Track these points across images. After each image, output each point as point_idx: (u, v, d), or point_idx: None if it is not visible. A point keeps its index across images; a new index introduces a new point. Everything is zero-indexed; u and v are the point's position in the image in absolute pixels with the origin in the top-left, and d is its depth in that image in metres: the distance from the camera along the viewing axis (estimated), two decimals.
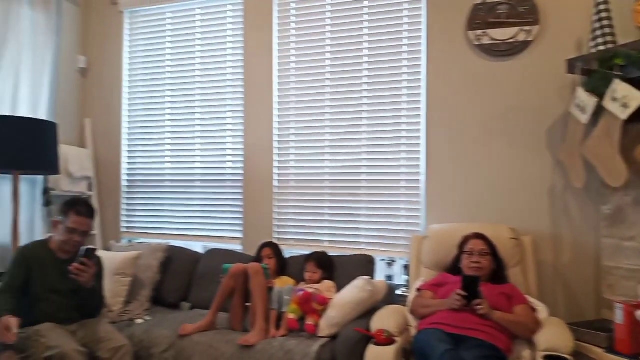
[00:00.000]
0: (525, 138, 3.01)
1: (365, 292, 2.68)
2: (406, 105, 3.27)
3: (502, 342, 2.23)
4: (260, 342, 2.57)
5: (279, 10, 3.59)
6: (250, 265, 2.85)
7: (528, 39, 3.00)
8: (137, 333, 2.78)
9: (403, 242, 3.24)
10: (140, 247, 3.42)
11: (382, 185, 3.32)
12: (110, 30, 4.08)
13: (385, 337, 2.32)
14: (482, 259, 2.54)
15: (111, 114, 4.06)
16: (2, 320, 2.24)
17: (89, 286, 2.56)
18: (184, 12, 3.88)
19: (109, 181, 4.04)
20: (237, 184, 3.68)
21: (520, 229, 2.87)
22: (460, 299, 2.30)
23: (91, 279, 2.55)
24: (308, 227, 3.51)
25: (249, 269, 2.83)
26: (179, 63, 3.88)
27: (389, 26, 3.32)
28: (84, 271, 2.49)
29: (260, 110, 3.60)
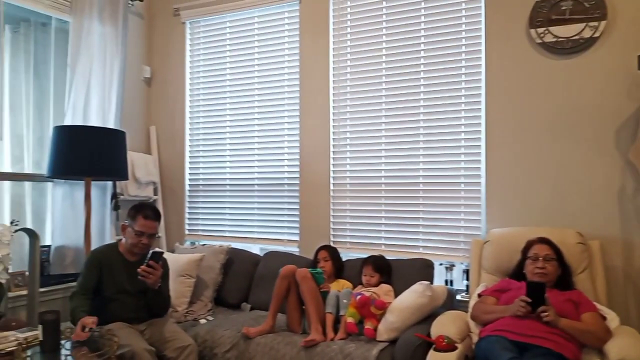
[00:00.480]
0: (592, 138, 2.89)
1: (424, 297, 2.66)
2: (465, 106, 3.22)
3: (569, 351, 2.15)
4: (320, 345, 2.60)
5: (335, 15, 3.62)
6: (298, 271, 2.88)
7: (594, 35, 2.88)
8: (201, 333, 2.88)
9: (463, 246, 3.18)
10: (203, 249, 3.54)
11: (440, 188, 3.27)
12: (173, 41, 4.25)
13: (446, 343, 2.29)
14: (547, 264, 2.46)
15: (175, 121, 4.22)
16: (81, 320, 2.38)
17: (156, 287, 2.69)
18: (243, 20, 3.98)
19: (173, 185, 4.21)
20: (294, 187, 3.74)
21: (587, 234, 2.75)
22: (524, 305, 2.24)
23: (158, 280, 2.67)
24: (365, 231, 3.51)
25: (296, 275, 2.87)
26: (238, 70, 3.99)
27: (446, 27, 3.27)
28: (151, 273, 2.62)
29: (317, 114, 3.64)
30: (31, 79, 3.57)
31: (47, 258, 3.37)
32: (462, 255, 3.17)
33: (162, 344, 2.63)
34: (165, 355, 2.60)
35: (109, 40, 3.78)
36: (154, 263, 2.63)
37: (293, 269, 2.90)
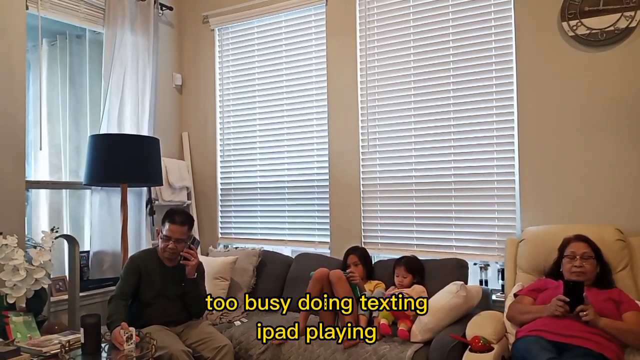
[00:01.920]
0: (630, 131, 2.80)
1: (459, 297, 2.63)
2: (496, 103, 3.16)
3: (611, 351, 2.09)
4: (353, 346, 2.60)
5: (361, 15, 3.62)
6: (332, 272, 2.88)
7: (631, 25, 2.79)
8: (236, 335, 2.92)
9: (497, 245, 3.12)
10: (236, 252, 3.58)
11: (473, 186, 3.23)
12: (202, 48, 4.33)
13: (482, 344, 2.26)
14: (585, 262, 2.40)
15: (206, 127, 4.30)
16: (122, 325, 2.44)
17: (193, 276, 2.76)
18: (270, 25, 4.02)
19: (206, 190, 4.28)
20: (324, 189, 3.75)
21: (627, 230, 2.67)
22: (562, 304, 2.18)
23: (195, 266, 2.76)
24: (396, 231, 3.49)
25: (331, 276, 2.87)
26: (267, 75, 4.03)
27: (475, 22, 3.23)
28: (193, 256, 2.74)
29: (345, 116, 3.65)
30: (67, 89, 3.70)
31: (86, 263, 3.48)
32: (497, 255, 3.11)
33: (198, 345, 2.69)
34: (202, 355, 2.65)
35: (141, 50, 3.87)
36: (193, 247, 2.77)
37: (326, 272, 2.90)
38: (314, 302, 2.85)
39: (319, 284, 2.90)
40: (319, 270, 2.93)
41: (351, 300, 2.79)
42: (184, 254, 2.73)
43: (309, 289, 2.90)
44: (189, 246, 2.77)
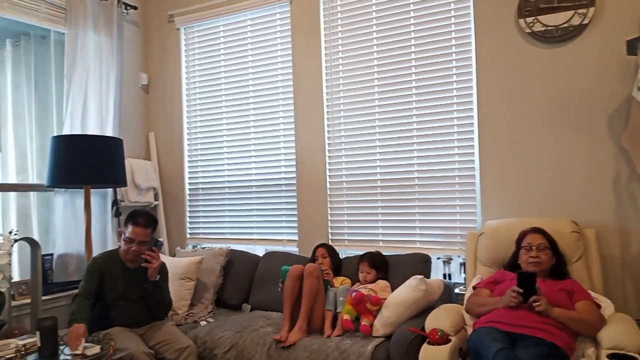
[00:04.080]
0: (585, 126, 2.87)
1: (419, 291, 2.66)
2: (457, 99, 3.21)
3: (562, 340, 2.14)
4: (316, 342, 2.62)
5: (325, 14, 3.64)
6: (306, 267, 2.90)
7: (583, 22, 2.85)
8: (201, 334, 2.91)
9: (459, 239, 3.18)
10: (204, 252, 3.57)
11: (435, 182, 3.27)
12: (168, 47, 4.30)
13: (439, 336, 2.30)
14: (540, 253, 2.45)
15: (173, 127, 4.27)
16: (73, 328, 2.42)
17: (155, 278, 2.74)
18: (235, 23, 4.01)
19: (173, 190, 4.25)
20: (291, 187, 3.76)
21: (582, 222, 2.74)
22: (516, 296, 2.23)
23: (157, 268, 2.74)
24: (362, 228, 3.52)
25: (304, 270, 2.89)
26: (233, 73, 4.02)
27: (436, 20, 3.27)
28: (155, 258, 2.72)
29: (311, 114, 3.66)
30: (32, 91, 3.64)
31: (50, 266, 3.42)
32: (459, 249, 3.16)
33: (161, 347, 2.68)
34: (164, 357, 2.64)
35: (104, 50, 3.83)
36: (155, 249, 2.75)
37: (302, 268, 2.91)
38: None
39: (297, 282, 2.90)
40: (295, 267, 2.93)
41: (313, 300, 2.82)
42: (145, 257, 2.71)
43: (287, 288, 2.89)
44: (151, 248, 2.75)
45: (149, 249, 2.74)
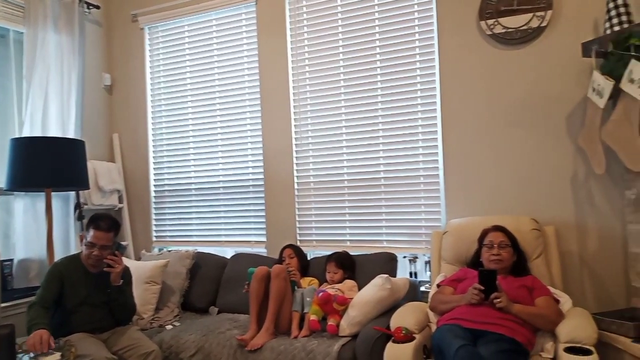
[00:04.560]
0: (545, 126, 2.94)
1: (384, 290, 2.68)
2: (421, 100, 3.25)
3: (522, 335, 2.19)
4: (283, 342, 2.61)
5: (291, 15, 3.63)
6: (273, 268, 2.90)
7: (542, 24, 2.93)
8: (166, 339, 2.87)
9: (424, 238, 3.22)
10: (169, 255, 3.52)
11: (401, 182, 3.31)
12: (132, 47, 4.23)
13: (404, 334, 2.32)
14: (502, 251, 2.50)
15: (138, 128, 4.20)
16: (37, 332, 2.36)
17: (118, 283, 2.69)
18: (201, 23, 3.97)
19: (138, 193, 4.18)
20: (259, 188, 3.74)
21: (542, 220, 2.81)
22: (477, 293, 2.27)
23: (120, 273, 2.69)
24: (330, 228, 3.54)
25: (271, 271, 2.88)
26: (199, 74, 3.98)
27: (400, 22, 3.31)
28: (117, 262, 2.66)
29: (278, 114, 3.65)
30: None
31: (10, 272, 3.33)
32: (425, 247, 3.21)
33: (125, 352, 2.62)
34: None
35: (65, 49, 3.74)
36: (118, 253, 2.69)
37: (267, 270, 2.90)
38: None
39: (263, 283, 2.89)
40: (260, 268, 2.92)
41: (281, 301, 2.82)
42: (108, 261, 2.65)
43: (252, 290, 2.88)
44: (113, 252, 2.70)
45: (112, 254, 2.68)
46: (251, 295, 2.86)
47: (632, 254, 2.59)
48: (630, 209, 2.60)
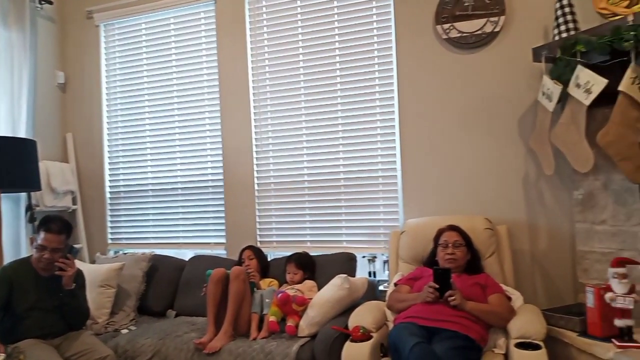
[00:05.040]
0: (498, 128, 3.03)
1: (343, 289, 2.71)
2: (379, 102, 3.30)
3: (475, 332, 2.25)
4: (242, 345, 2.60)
5: (251, 15, 3.62)
6: (232, 269, 2.88)
7: (495, 29, 3.01)
8: (122, 343, 2.81)
9: (383, 237, 3.26)
10: (125, 258, 3.45)
11: (360, 182, 3.34)
12: (87, 45, 4.11)
13: (361, 333, 2.35)
14: (456, 250, 2.56)
15: (92, 127, 4.09)
16: None
17: (70, 287, 2.61)
18: (159, 22, 3.90)
19: (93, 194, 4.07)
20: (219, 189, 3.71)
21: (495, 219, 2.89)
22: (432, 291, 2.32)
23: (73, 276, 2.61)
24: (290, 229, 3.54)
25: (230, 273, 2.86)
26: (156, 73, 3.91)
27: (358, 25, 3.34)
28: (69, 266, 2.57)
29: (237, 115, 3.63)
30: None
31: None
32: (383, 247, 3.25)
33: (78, 358, 2.56)
34: None
35: (16, 46, 3.62)
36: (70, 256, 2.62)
37: (224, 272, 2.87)
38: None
39: (220, 285, 2.86)
40: (217, 270, 2.89)
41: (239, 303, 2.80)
42: (59, 264, 2.57)
43: (209, 292, 2.84)
44: (65, 255, 2.61)
45: (63, 257, 2.60)
46: (208, 297, 2.83)
47: (580, 252, 2.69)
48: (577, 208, 2.70)
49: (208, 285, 2.87)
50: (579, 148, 2.48)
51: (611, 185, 2.53)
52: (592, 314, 2.26)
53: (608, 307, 2.19)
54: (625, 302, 2.13)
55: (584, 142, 2.45)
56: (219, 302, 2.83)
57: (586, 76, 2.37)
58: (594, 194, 2.61)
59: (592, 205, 2.62)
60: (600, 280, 2.47)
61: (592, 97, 2.35)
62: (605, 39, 2.28)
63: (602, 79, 2.29)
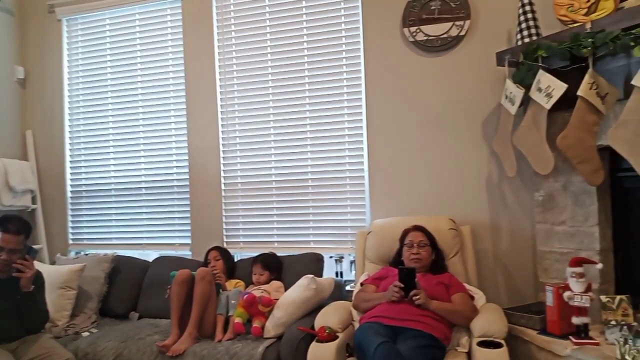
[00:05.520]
0: (463, 131, 3.08)
1: (309, 290, 2.70)
2: (347, 103, 3.31)
3: (439, 331, 2.28)
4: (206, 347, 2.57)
5: (218, 12, 3.58)
6: (198, 271, 2.84)
7: (460, 33, 3.06)
8: (82, 346, 2.75)
9: (350, 238, 3.28)
10: (87, 259, 3.36)
11: (328, 183, 3.35)
12: (48, 39, 3.99)
13: (327, 333, 2.35)
14: (421, 250, 2.59)
15: (53, 124, 3.97)
16: None
17: (29, 289, 2.53)
18: (123, 17, 3.82)
19: (53, 193, 3.96)
20: (184, 189, 3.65)
21: (460, 220, 2.93)
22: (398, 290, 2.34)
23: (31, 278, 2.53)
24: (257, 229, 3.52)
25: (196, 274, 2.82)
26: (120, 69, 3.83)
27: (327, 25, 3.35)
28: (27, 267, 2.50)
29: (204, 113, 3.58)
30: None
31: None
32: (350, 247, 3.26)
33: None
34: None
35: None
36: (29, 257, 2.54)
37: (189, 273, 2.83)
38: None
39: (184, 287, 2.81)
40: (181, 271, 2.84)
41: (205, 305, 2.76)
42: (17, 266, 2.48)
43: (173, 294, 2.80)
44: (23, 256, 2.53)
45: (22, 258, 2.52)
46: (172, 299, 2.78)
47: (540, 252, 2.77)
48: (538, 209, 2.78)
49: (172, 286, 2.82)
50: (540, 151, 2.55)
51: (570, 187, 2.60)
52: (551, 313, 2.32)
53: (566, 306, 2.25)
54: (582, 301, 2.20)
55: (544, 145, 2.52)
56: (184, 304, 2.79)
57: (547, 81, 2.44)
58: (554, 196, 2.68)
59: (552, 206, 2.69)
60: (559, 279, 2.54)
61: (553, 101, 2.42)
62: (565, 45, 2.35)
63: (562, 84, 2.35)
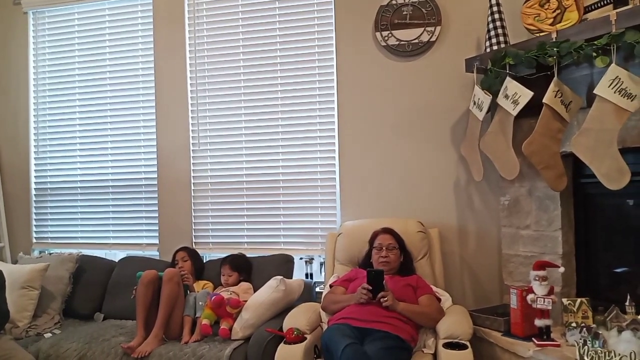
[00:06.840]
0: (432, 135, 3.12)
1: (278, 291, 2.70)
2: (319, 105, 3.32)
3: (406, 332, 2.31)
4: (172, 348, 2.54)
5: (190, 10, 3.54)
6: (165, 271, 2.80)
7: (431, 39, 3.11)
8: (44, 348, 2.68)
9: (320, 239, 3.28)
10: (50, 259, 3.28)
11: (299, 184, 3.35)
12: (13, 32, 3.88)
13: (295, 335, 2.35)
14: (390, 253, 2.62)
15: (17, 120, 3.87)
16: None
17: None
18: (93, 12, 3.75)
19: (17, 190, 3.85)
20: (152, 188, 3.60)
21: (428, 222, 2.97)
22: (366, 292, 2.36)
23: None
24: (227, 230, 3.49)
25: (163, 275, 2.78)
26: (89, 65, 3.75)
27: (300, 27, 3.35)
28: None
29: (174, 112, 3.54)
30: None
31: None
32: (320, 249, 3.27)
33: None
34: None
35: None
36: None
37: (155, 274, 2.79)
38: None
39: (150, 288, 2.77)
40: (148, 272, 2.80)
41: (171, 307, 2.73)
42: None
43: (139, 295, 2.75)
44: None
45: None
46: (138, 300, 2.74)
47: (505, 255, 2.83)
48: (504, 213, 2.84)
49: (138, 287, 2.77)
50: (506, 156, 2.61)
51: (535, 192, 2.67)
52: (515, 315, 2.37)
53: (529, 308, 2.31)
54: (544, 303, 2.25)
55: (510, 151, 2.58)
56: (150, 305, 2.75)
57: (514, 88, 2.50)
58: (519, 200, 2.75)
59: (517, 210, 2.75)
60: (524, 282, 2.60)
61: (519, 108, 2.47)
62: (532, 53, 2.41)
63: (528, 91, 2.41)
